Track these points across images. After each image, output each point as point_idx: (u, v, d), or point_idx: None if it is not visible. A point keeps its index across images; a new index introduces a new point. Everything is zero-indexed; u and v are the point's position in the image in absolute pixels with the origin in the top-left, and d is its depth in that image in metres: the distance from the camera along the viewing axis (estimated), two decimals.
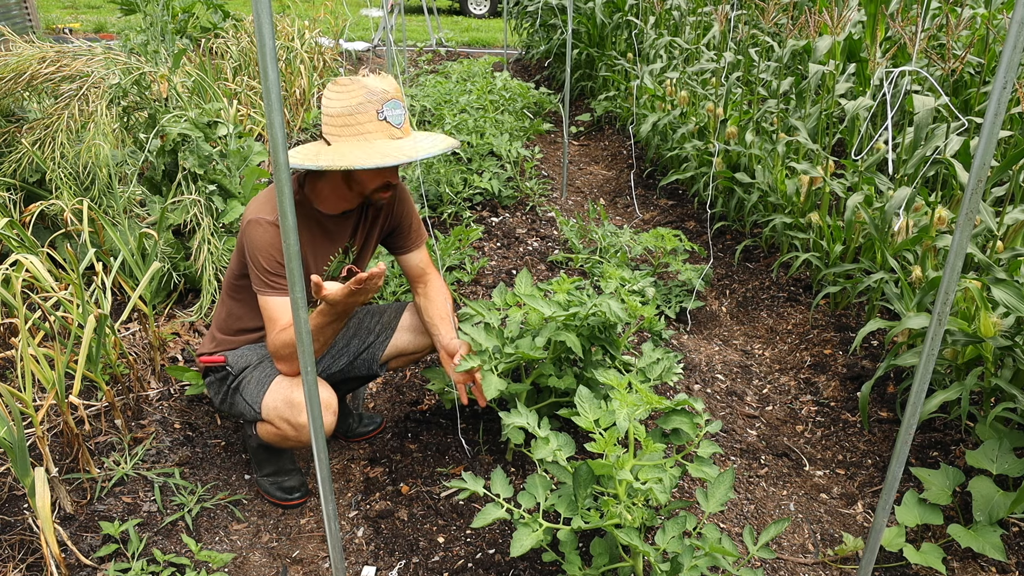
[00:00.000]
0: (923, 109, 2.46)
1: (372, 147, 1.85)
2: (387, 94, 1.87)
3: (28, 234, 2.62)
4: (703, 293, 3.53)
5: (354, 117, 1.84)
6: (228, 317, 2.12)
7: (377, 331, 2.27)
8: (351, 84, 1.85)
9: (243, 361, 2.09)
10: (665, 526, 1.68)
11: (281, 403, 1.96)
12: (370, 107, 1.85)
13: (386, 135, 1.89)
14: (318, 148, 1.89)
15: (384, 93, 1.86)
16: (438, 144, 1.95)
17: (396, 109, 1.89)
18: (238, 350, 2.11)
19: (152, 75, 3.21)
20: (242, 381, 2.06)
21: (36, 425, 1.93)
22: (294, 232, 1.20)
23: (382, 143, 1.87)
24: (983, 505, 1.94)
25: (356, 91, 1.84)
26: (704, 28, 4.89)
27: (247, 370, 2.07)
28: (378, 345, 2.26)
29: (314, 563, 2.02)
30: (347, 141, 1.86)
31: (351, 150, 1.83)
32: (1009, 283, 2.01)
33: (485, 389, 2.00)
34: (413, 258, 2.26)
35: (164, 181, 3.22)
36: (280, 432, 2.00)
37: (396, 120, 1.89)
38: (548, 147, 5.87)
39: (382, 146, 1.86)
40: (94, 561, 1.91)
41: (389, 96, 1.87)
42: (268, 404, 1.99)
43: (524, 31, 8.89)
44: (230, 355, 2.10)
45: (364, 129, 1.86)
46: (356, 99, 1.84)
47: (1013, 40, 1.11)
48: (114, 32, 9.43)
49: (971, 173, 1.20)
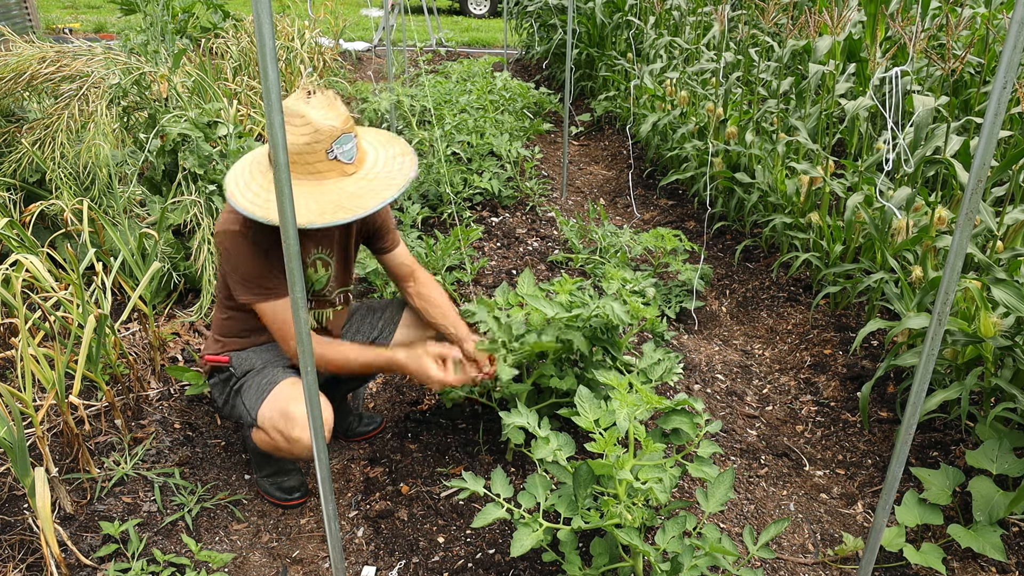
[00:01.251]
0: (923, 109, 2.46)
1: (326, 191, 1.80)
2: (335, 131, 1.80)
3: (28, 234, 2.62)
4: (703, 293, 3.53)
5: (303, 156, 1.79)
6: (229, 320, 2.09)
7: (380, 327, 2.28)
8: (298, 119, 1.77)
9: (246, 364, 2.07)
10: (665, 526, 1.68)
11: (277, 414, 1.94)
12: (319, 147, 1.79)
13: (338, 173, 1.83)
14: (270, 185, 1.81)
15: (332, 131, 1.79)
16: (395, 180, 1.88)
17: (346, 144, 1.82)
18: (243, 352, 2.09)
19: (152, 75, 3.22)
20: (244, 384, 2.05)
21: (36, 425, 1.93)
22: (294, 232, 1.20)
23: (335, 183, 1.82)
24: (983, 505, 1.94)
25: (303, 129, 1.77)
26: (704, 28, 4.89)
27: (250, 374, 2.06)
28: (381, 342, 2.26)
29: (314, 563, 2.02)
30: (299, 181, 1.80)
31: (305, 195, 1.78)
32: (1009, 283, 2.01)
33: (500, 371, 2.06)
34: (398, 255, 2.23)
35: (164, 181, 3.22)
36: (273, 442, 1.97)
37: (347, 157, 1.84)
38: (548, 147, 5.87)
39: (336, 191, 1.81)
40: (94, 561, 1.91)
41: (338, 133, 1.80)
42: (264, 413, 1.97)
43: (524, 31, 8.89)
44: (234, 356, 2.08)
45: (315, 168, 1.81)
46: (303, 138, 1.78)
47: (1013, 40, 1.11)
48: (114, 32, 9.43)
49: (971, 173, 1.20)
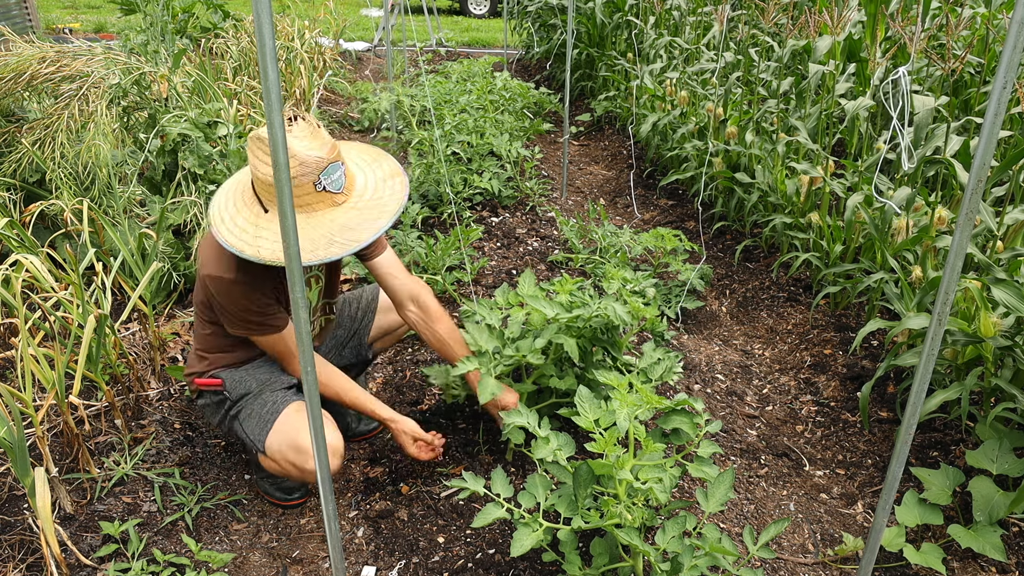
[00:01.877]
0: (923, 109, 2.46)
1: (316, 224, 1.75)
2: (322, 162, 1.74)
3: (28, 234, 2.62)
4: (703, 293, 3.53)
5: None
6: (212, 335, 2.03)
7: (359, 316, 2.32)
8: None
9: (241, 387, 2.02)
10: (665, 526, 1.68)
11: (287, 448, 1.92)
12: (306, 180, 1.74)
13: (328, 204, 1.79)
14: (256, 219, 1.77)
15: (319, 162, 1.74)
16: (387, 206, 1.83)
17: (334, 174, 1.77)
18: (236, 372, 2.03)
19: (152, 75, 3.22)
20: (241, 411, 2.00)
21: (36, 425, 1.93)
22: (294, 232, 1.20)
23: (325, 215, 1.77)
24: (983, 505, 1.94)
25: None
26: (704, 28, 4.89)
27: (247, 399, 2.00)
28: (363, 329, 2.30)
29: (314, 563, 2.02)
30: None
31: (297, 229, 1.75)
32: (1009, 283, 2.01)
33: (481, 392, 1.97)
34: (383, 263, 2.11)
35: (164, 181, 3.22)
36: (284, 471, 1.97)
37: (336, 187, 1.79)
38: (548, 147, 5.87)
39: (327, 223, 1.76)
40: (94, 561, 1.91)
41: (324, 164, 1.74)
42: (273, 446, 1.94)
43: (524, 31, 8.89)
44: (227, 378, 2.02)
45: (304, 202, 1.76)
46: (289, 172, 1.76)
47: (1013, 40, 1.11)
48: (114, 32, 9.43)
49: (971, 173, 1.20)
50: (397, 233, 3.58)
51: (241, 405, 2.01)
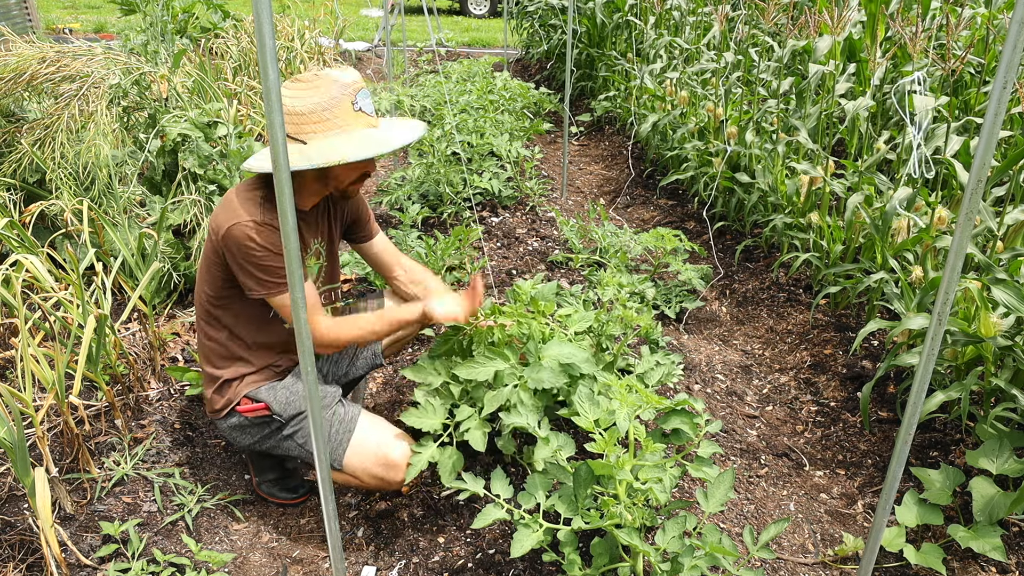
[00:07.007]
0: (923, 109, 2.46)
1: (359, 138, 1.80)
2: (357, 84, 1.83)
3: (28, 234, 2.62)
4: (703, 293, 3.53)
5: (330, 111, 1.77)
6: (230, 339, 1.98)
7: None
8: (316, 79, 1.78)
9: (292, 407, 1.96)
10: (665, 526, 1.68)
11: (373, 464, 1.91)
12: (344, 100, 1.80)
13: (364, 124, 1.84)
14: (296, 148, 1.80)
15: (355, 83, 1.82)
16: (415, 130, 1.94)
17: (367, 98, 1.85)
18: (277, 392, 1.97)
19: (152, 75, 3.22)
20: (299, 430, 1.96)
21: (36, 425, 1.93)
22: (294, 233, 1.20)
23: (363, 132, 1.82)
24: (983, 505, 1.94)
25: (325, 85, 1.78)
26: (704, 28, 4.89)
27: (301, 417, 1.95)
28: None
29: (314, 563, 2.02)
30: (327, 137, 1.78)
31: (340, 145, 1.76)
32: (1009, 283, 2.01)
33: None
34: (378, 243, 2.23)
35: (164, 181, 3.22)
36: (362, 484, 1.96)
37: (369, 109, 1.85)
38: (548, 147, 5.87)
39: (367, 135, 1.81)
40: (94, 561, 1.91)
41: (360, 86, 1.83)
42: (354, 462, 1.91)
43: (524, 31, 8.89)
44: (270, 399, 1.96)
45: (342, 123, 1.80)
46: (328, 94, 1.77)
47: (1013, 40, 1.11)
48: (114, 32, 9.43)
49: (971, 173, 1.20)
50: (397, 233, 3.58)
51: (298, 424, 1.96)
